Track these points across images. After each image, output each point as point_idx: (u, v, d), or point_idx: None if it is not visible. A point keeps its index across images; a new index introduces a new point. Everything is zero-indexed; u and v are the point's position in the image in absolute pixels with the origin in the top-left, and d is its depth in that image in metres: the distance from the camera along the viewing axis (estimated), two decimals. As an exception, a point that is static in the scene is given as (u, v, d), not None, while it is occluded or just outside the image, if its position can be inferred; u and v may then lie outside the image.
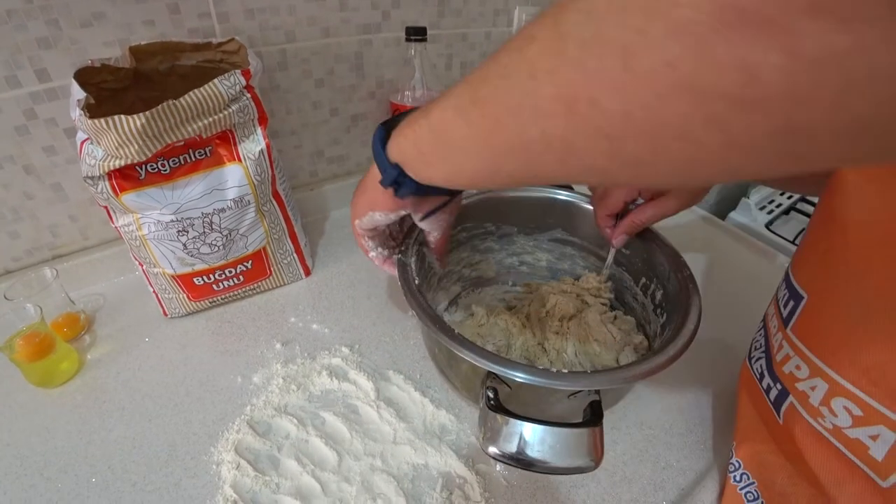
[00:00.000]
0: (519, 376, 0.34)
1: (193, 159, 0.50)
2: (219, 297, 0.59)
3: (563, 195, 0.58)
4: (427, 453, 0.45)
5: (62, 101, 0.57)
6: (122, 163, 0.45)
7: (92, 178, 0.47)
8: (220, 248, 0.54)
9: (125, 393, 0.52)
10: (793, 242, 0.81)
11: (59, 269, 0.60)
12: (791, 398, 0.37)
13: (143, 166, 0.48)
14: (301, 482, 0.44)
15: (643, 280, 0.52)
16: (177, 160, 0.49)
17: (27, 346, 0.51)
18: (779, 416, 0.38)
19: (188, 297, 0.57)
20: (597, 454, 0.34)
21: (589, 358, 0.51)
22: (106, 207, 0.51)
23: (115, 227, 0.52)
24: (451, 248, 0.57)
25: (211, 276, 0.56)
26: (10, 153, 0.57)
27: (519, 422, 0.34)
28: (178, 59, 0.57)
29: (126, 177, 0.48)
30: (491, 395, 0.36)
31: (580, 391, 0.36)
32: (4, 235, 0.61)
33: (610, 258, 0.55)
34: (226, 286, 0.58)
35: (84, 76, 0.50)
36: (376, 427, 0.47)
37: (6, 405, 0.52)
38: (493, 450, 0.34)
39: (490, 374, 0.37)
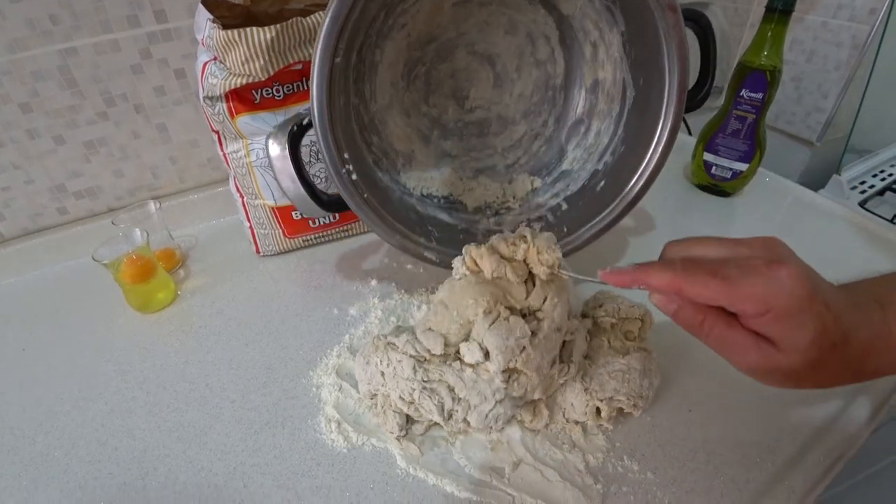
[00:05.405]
0: None
1: (305, 88, 0.51)
2: (312, 236, 0.59)
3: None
4: (538, 385, 0.43)
5: (175, 43, 0.59)
6: (244, 81, 0.46)
7: (211, 98, 0.48)
8: (323, 180, 0.54)
9: (220, 320, 0.52)
10: (892, 222, 0.76)
11: (157, 208, 0.61)
12: None
13: (259, 90, 0.49)
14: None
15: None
16: (290, 87, 0.50)
17: (131, 268, 0.52)
18: None
19: (283, 232, 0.57)
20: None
21: None
22: (218, 133, 0.52)
23: (224, 155, 0.53)
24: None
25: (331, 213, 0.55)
26: (124, 91, 0.59)
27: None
28: (288, 2, 0.58)
29: (242, 99, 0.49)
30: None
31: None
32: (110, 174, 0.63)
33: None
34: (321, 223, 0.58)
35: (206, 6, 0.51)
36: (481, 358, 0.45)
37: (108, 325, 0.53)
38: None
39: None
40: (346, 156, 0.42)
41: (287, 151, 0.42)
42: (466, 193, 0.55)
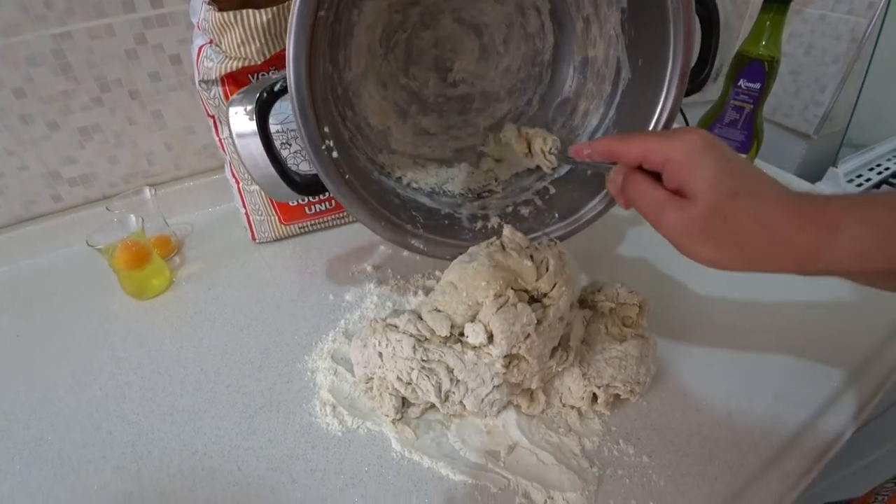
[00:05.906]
0: None
1: (301, 72, 0.50)
2: (308, 223, 0.59)
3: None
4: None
5: (171, 29, 0.59)
6: (240, 64, 0.46)
7: (207, 82, 0.48)
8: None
9: (215, 306, 0.52)
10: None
11: (152, 195, 0.61)
12: None
13: (255, 74, 0.49)
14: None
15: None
16: (286, 71, 0.50)
17: (125, 254, 0.51)
18: None
19: (279, 219, 0.57)
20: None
21: None
22: (213, 118, 0.51)
23: (219, 140, 0.53)
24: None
25: (304, 196, 0.55)
26: (119, 77, 0.59)
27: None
28: (285, -13, 0.58)
29: (238, 83, 0.48)
30: None
31: None
32: (105, 160, 0.63)
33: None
34: (317, 210, 0.58)
35: (201, -10, 0.51)
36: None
37: (103, 311, 0.52)
38: None
39: None
40: (325, 129, 0.36)
41: (254, 122, 0.35)
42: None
